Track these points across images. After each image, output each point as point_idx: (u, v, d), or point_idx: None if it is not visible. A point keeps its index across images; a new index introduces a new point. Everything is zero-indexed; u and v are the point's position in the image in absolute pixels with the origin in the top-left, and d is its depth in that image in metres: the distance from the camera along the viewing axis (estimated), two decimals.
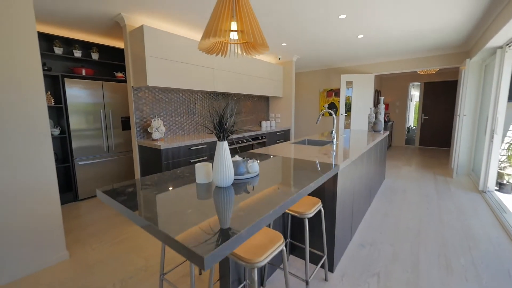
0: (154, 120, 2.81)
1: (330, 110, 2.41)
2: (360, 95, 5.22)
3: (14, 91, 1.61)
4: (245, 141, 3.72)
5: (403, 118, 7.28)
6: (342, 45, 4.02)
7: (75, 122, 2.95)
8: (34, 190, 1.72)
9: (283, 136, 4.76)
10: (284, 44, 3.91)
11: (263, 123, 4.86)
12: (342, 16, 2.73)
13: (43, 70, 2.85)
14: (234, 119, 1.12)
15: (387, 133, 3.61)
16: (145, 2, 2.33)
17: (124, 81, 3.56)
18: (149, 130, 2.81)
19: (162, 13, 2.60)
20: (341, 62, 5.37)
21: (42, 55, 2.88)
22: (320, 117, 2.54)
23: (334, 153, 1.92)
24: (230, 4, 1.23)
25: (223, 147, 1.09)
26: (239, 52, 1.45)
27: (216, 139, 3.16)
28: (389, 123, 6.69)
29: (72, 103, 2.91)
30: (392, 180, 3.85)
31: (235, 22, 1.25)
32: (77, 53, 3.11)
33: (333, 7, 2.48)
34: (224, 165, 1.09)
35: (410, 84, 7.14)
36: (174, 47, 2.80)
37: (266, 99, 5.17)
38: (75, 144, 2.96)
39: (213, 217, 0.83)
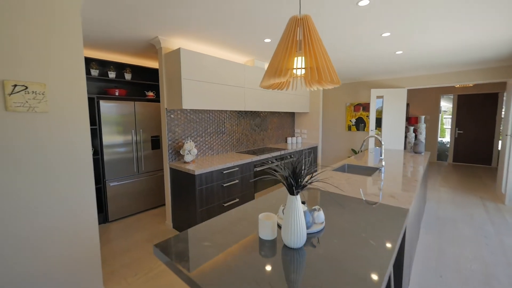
0: (187, 142, 2.73)
1: (377, 136, 2.22)
2: (391, 110, 4.95)
3: (63, 133, 1.57)
4: (274, 161, 3.57)
5: (434, 132, 6.87)
6: (377, 61, 3.83)
7: (108, 143, 2.95)
8: (73, 227, 1.66)
9: (311, 153, 4.57)
10: None
11: (289, 139, 4.71)
12: (386, 34, 2.57)
13: None
14: (307, 170, 0.97)
15: (429, 154, 3.34)
16: (183, 26, 2.29)
17: (154, 100, 3.56)
18: (181, 152, 2.74)
19: (197, 35, 2.56)
20: (371, 75, 5.15)
21: None
22: (364, 143, 2.35)
23: (389, 189, 1.72)
24: (295, 40, 1.12)
25: (295, 203, 0.95)
26: (303, 86, 1.32)
27: (249, 159, 3.05)
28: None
29: (106, 124, 2.91)
30: (435, 204, 3.53)
31: (302, 58, 1.13)
32: (112, 74, 3.14)
33: (379, 25, 2.32)
34: (296, 223, 0.95)
35: (441, 96, 6.75)
36: (208, 67, 2.74)
37: (291, 115, 5.04)
38: (107, 165, 2.95)
39: None
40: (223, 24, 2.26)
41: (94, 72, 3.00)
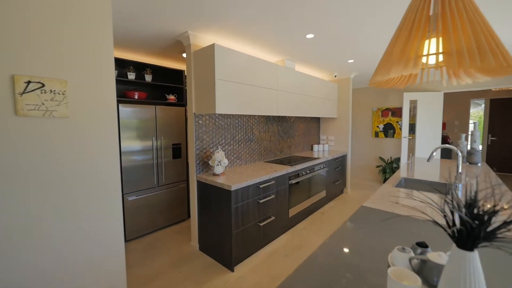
0: (217, 152, 2.40)
1: (450, 147, 1.85)
2: (426, 116, 4.56)
3: (87, 144, 1.25)
4: (308, 172, 3.20)
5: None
6: None
7: (127, 152, 2.63)
8: (98, 258, 1.32)
9: (340, 163, 4.19)
10: (351, 61, 3.45)
11: (315, 147, 4.36)
12: None
13: None
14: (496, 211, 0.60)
15: (486, 166, 2.93)
16: (220, 20, 1.98)
17: (177, 104, 3.25)
18: (210, 163, 2.40)
19: (231, 31, 2.25)
20: None
21: None
22: (433, 154, 1.98)
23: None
24: (426, 15, 0.78)
25: (472, 263, 0.58)
26: (444, 79, 0.96)
27: (283, 170, 2.70)
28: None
29: (125, 130, 2.60)
30: None
31: (438, 39, 0.78)
32: (131, 75, 2.85)
33: None
34: None
35: (471, 100, 6.33)
36: (240, 67, 2.42)
37: (316, 120, 4.68)
38: (125, 177, 2.62)
39: None
40: (266, 17, 1.94)
41: None
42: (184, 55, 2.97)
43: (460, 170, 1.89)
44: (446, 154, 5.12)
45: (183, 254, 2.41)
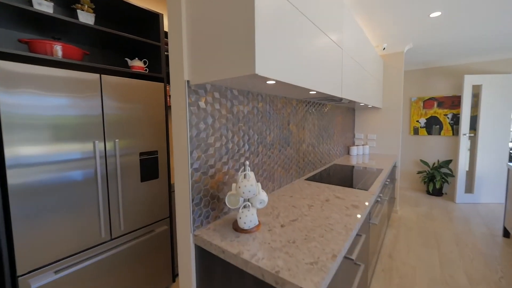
0: (243, 172, 1.00)
1: None
2: (493, 106, 3.45)
3: None
4: (380, 199, 1.89)
5: None
6: (481, 29, 2.27)
7: (22, 173, 1.13)
8: None
9: (390, 174, 2.94)
10: (436, 14, 2.16)
11: (353, 149, 3.08)
12: None
13: None
14: None
15: None
16: None
17: (149, 77, 1.76)
18: (228, 203, 1.00)
19: None
20: (458, 56, 3.62)
21: None
22: None
23: None
24: None
25: None
26: None
27: (365, 209, 1.55)
28: None
29: (18, 120, 1.10)
30: None
31: None
32: (44, 5, 1.33)
33: None
34: None
35: None
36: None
37: (351, 112, 3.39)
38: (20, 230, 1.12)
39: None
40: None
41: None
42: None
43: None
44: None
45: None
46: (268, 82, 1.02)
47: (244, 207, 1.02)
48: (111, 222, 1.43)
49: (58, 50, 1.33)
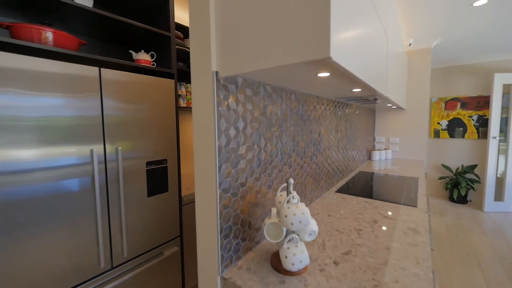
0: (291, 195, 0.74)
1: None
2: None
3: None
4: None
5: None
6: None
7: (12, 173, 0.88)
8: None
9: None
10: (480, 2, 1.90)
11: (375, 154, 2.83)
12: None
13: None
14: None
15: None
16: None
17: (156, 72, 1.51)
18: (267, 233, 0.75)
19: None
20: (483, 54, 3.36)
21: None
22: None
23: None
24: None
25: None
26: None
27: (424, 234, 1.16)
28: None
29: (8, 120, 0.86)
30: None
31: None
32: None
33: None
34: None
35: None
36: None
37: (372, 113, 3.13)
38: None
39: None
40: None
41: None
42: None
43: None
44: None
45: None
46: (320, 74, 0.77)
47: (290, 240, 0.77)
48: (112, 248, 1.18)
49: (48, 37, 1.09)
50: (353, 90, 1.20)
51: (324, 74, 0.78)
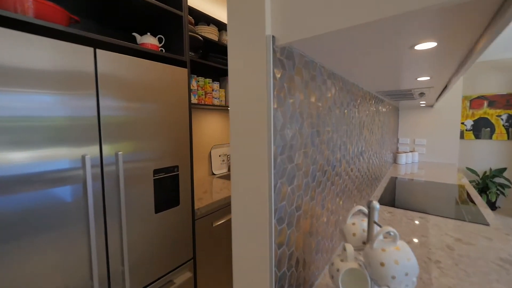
0: (388, 231, 0.48)
1: None
2: None
3: None
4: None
5: None
6: None
7: None
8: None
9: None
10: None
11: (401, 158, 2.57)
12: None
13: None
14: None
15: None
16: None
17: (164, 59, 1.25)
18: (343, 285, 0.48)
19: None
20: (506, 49, 3.08)
21: None
22: None
23: None
24: None
25: None
26: None
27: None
28: None
29: None
30: None
31: None
32: None
33: None
34: None
35: None
36: None
37: (395, 112, 2.86)
38: None
39: None
40: None
41: None
42: None
43: None
44: None
45: None
46: (419, 46, 0.50)
47: None
48: (110, 279, 0.92)
49: (29, 6, 0.83)
50: (418, 79, 0.94)
51: (426, 46, 0.51)
